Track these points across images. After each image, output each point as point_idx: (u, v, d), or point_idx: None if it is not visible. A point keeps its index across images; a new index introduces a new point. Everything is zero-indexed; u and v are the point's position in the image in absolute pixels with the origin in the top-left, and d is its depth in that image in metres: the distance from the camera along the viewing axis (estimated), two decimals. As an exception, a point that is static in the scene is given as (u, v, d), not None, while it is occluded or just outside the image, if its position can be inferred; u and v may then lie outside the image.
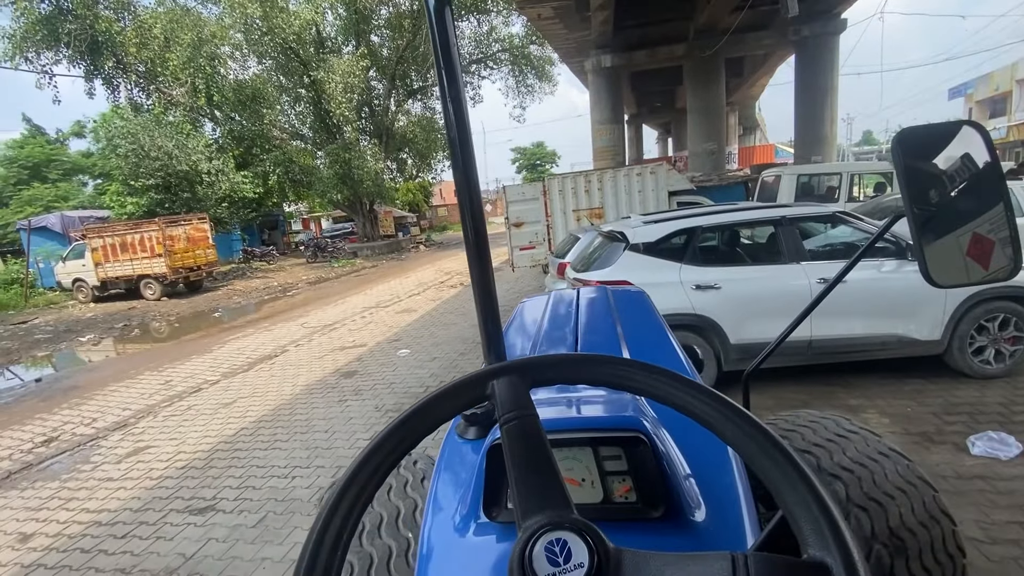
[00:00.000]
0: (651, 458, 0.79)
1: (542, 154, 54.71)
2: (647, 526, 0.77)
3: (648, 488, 0.79)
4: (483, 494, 0.84)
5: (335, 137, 20.04)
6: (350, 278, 15.97)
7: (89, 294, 14.71)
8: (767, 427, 0.45)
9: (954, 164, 0.97)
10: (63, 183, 23.40)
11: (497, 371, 0.54)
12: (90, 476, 4.10)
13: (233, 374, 6.59)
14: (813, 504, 0.39)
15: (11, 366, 8.71)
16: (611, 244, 4.36)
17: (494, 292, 1.03)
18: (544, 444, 0.49)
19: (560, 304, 2.13)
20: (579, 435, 0.82)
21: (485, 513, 0.83)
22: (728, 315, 3.89)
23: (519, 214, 9.29)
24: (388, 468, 0.49)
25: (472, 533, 0.83)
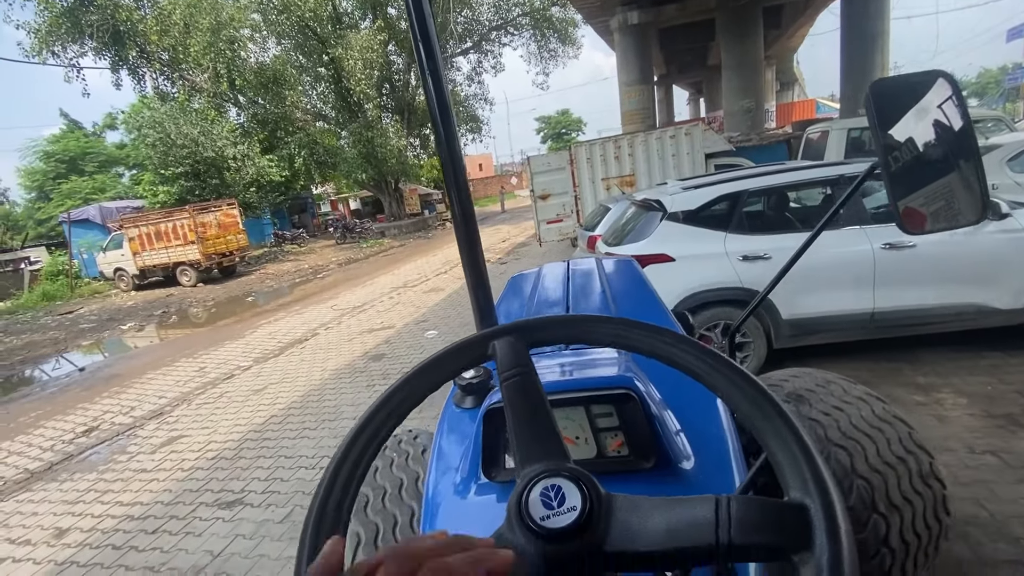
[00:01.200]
0: (640, 413, 0.82)
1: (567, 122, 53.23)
2: (639, 476, 0.81)
3: (639, 442, 0.82)
4: (482, 456, 0.87)
5: (357, 116, 19.83)
6: (378, 258, 15.97)
7: (130, 282, 15.20)
8: (752, 375, 0.46)
9: (927, 116, 0.99)
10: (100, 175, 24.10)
11: (498, 332, 0.57)
12: (126, 467, 4.13)
13: (264, 359, 6.60)
14: (795, 448, 0.40)
15: (58, 356, 9.04)
16: (646, 214, 4.01)
17: (483, 264, 1.06)
18: (542, 398, 0.51)
19: (552, 277, 2.16)
20: (572, 395, 0.84)
21: (484, 474, 0.87)
22: (780, 288, 3.50)
23: (545, 185, 8.90)
24: (396, 420, 0.52)
25: (473, 493, 0.87)
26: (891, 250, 3.38)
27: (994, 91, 43.43)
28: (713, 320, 3.64)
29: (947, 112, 0.98)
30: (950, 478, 2.53)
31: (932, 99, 0.99)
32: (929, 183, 1.02)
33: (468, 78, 23.15)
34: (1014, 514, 2.16)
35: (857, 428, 1.45)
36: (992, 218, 3.33)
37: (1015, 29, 26.14)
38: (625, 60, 16.13)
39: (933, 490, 1.40)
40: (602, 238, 4.62)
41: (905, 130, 1.00)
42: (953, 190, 1.01)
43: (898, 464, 1.39)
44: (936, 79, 0.99)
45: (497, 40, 22.59)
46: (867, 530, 1.29)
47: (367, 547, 1.25)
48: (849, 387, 1.65)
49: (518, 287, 2.20)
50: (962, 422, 2.89)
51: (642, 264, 3.66)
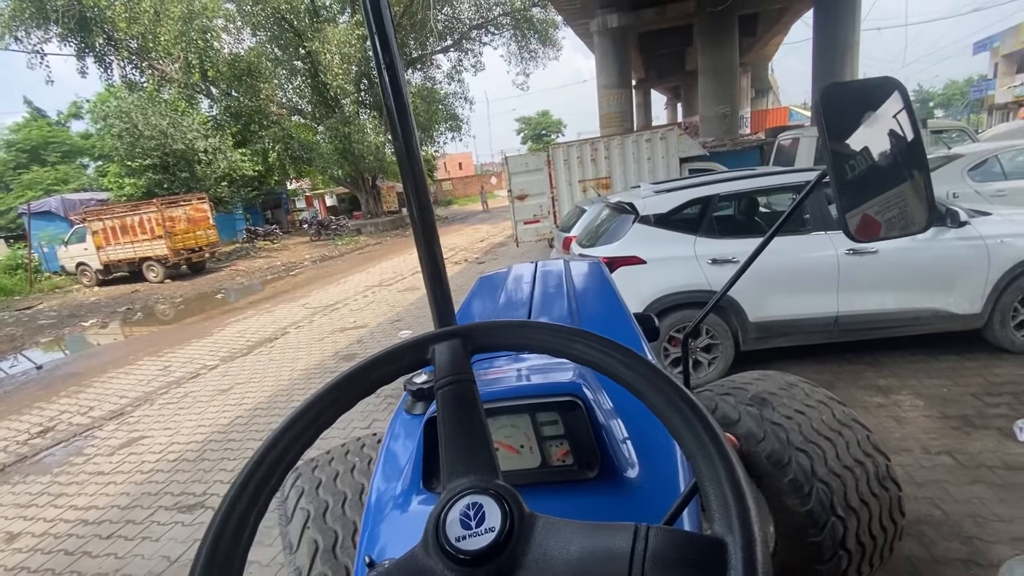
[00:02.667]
0: (585, 421, 0.80)
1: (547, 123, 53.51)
2: (582, 486, 0.79)
3: (583, 450, 0.80)
4: (423, 466, 0.84)
5: (334, 111, 19.52)
6: (354, 256, 15.75)
7: (93, 278, 14.65)
8: (692, 396, 0.45)
9: (877, 123, 0.99)
10: (63, 165, 23.18)
11: (439, 336, 0.54)
12: (81, 470, 3.97)
13: (232, 358, 6.44)
14: (724, 480, 0.39)
15: (14, 353, 8.65)
16: (619, 216, 4.04)
17: (442, 264, 1.02)
18: (477, 409, 0.49)
19: (519, 278, 2.15)
20: (516, 403, 0.82)
21: (425, 485, 0.84)
22: (748, 291, 3.58)
23: (523, 186, 8.91)
24: (317, 430, 0.48)
25: (414, 505, 0.84)
26: (855, 256, 3.48)
27: (959, 102, 45.23)
28: (683, 322, 3.69)
29: (900, 121, 0.97)
30: (906, 478, 2.62)
31: (886, 108, 0.98)
32: (881, 192, 1.00)
33: (448, 76, 23.05)
34: (967, 513, 2.24)
35: (818, 432, 1.46)
36: (951, 226, 3.45)
37: (981, 42, 27.28)
38: (604, 63, 16.26)
39: (889, 492, 1.43)
40: (576, 239, 4.64)
41: (856, 137, 0.99)
42: (906, 199, 1.01)
43: (856, 467, 1.41)
44: (890, 87, 0.98)
45: (478, 39, 22.53)
46: (824, 533, 1.29)
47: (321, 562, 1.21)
48: (811, 390, 1.68)
49: (486, 288, 2.17)
50: (919, 423, 2.99)
51: (614, 266, 3.70)
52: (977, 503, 2.29)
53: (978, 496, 2.34)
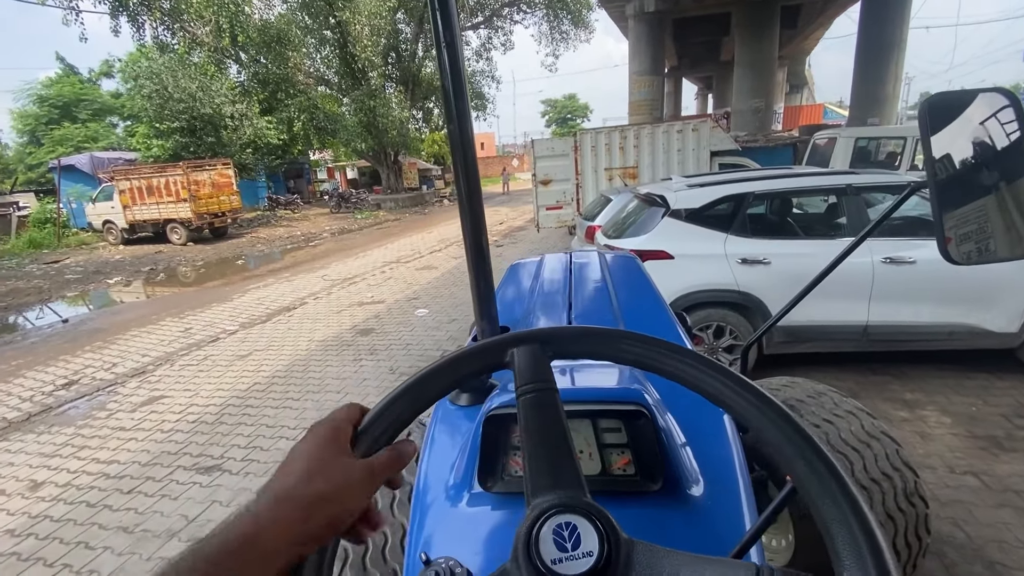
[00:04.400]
0: (651, 432, 0.78)
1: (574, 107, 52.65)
2: (644, 499, 0.77)
3: (647, 461, 0.78)
4: (478, 464, 0.82)
5: (360, 83, 19.39)
6: (372, 230, 15.80)
7: (119, 236, 14.93)
8: (815, 439, 0.42)
9: (983, 133, 0.94)
10: (93, 123, 23.48)
11: (518, 338, 0.52)
12: (104, 424, 4.08)
13: (251, 325, 6.53)
14: (855, 524, 0.37)
15: (42, 305, 8.89)
16: (648, 208, 3.96)
17: (487, 252, 1.01)
18: (561, 420, 0.47)
19: (553, 267, 2.10)
20: (579, 407, 0.80)
21: (480, 483, 0.82)
22: (776, 294, 3.50)
23: (547, 171, 8.79)
24: (396, 431, 0.48)
25: (466, 504, 0.82)
26: (890, 264, 3.37)
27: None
28: (706, 321, 3.63)
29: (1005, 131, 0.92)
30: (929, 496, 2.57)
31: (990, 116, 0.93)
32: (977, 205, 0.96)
33: (476, 54, 22.67)
34: (992, 538, 2.19)
35: (847, 442, 1.44)
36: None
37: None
38: (637, 48, 15.86)
39: (916, 509, 1.40)
40: (601, 229, 4.57)
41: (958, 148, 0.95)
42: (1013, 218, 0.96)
43: (884, 480, 1.39)
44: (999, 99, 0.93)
45: (509, 17, 22.09)
46: None
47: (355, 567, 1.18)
48: (840, 400, 1.64)
49: (517, 276, 2.12)
50: (945, 441, 2.91)
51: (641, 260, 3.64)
52: (1003, 528, 2.24)
53: (1004, 521, 2.28)
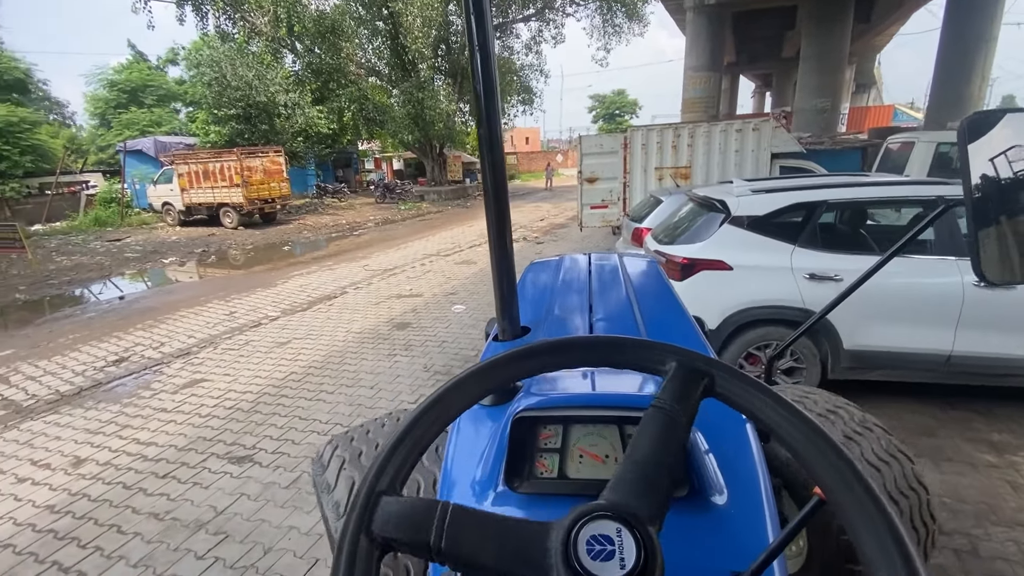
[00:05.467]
0: None
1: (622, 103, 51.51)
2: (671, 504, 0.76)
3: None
4: (505, 464, 0.83)
5: (410, 75, 19.54)
6: (415, 222, 15.91)
7: (176, 217, 15.62)
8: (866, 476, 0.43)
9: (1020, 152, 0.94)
10: (158, 108, 24.72)
11: (690, 357, 0.52)
12: (147, 404, 4.17)
13: (292, 312, 6.62)
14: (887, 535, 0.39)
15: (102, 281, 9.35)
16: (706, 214, 3.68)
17: (511, 251, 1.03)
18: (675, 454, 0.47)
19: (571, 269, 2.11)
20: (605, 412, 0.81)
21: (506, 483, 0.83)
22: (847, 314, 3.16)
23: (594, 168, 8.50)
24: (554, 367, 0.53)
25: (491, 502, 0.83)
26: (985, 288, 2.98)
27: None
28: (764, 340, 3.34)
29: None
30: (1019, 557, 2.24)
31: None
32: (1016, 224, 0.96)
33: (527, 47, 22.44)
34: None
35: (867, 461, 1.43)
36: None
37: None
38: (695, 43, 15.20)
39: (928, 528, 1.40)
40: (651, 233, 4.31)
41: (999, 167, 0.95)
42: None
43: (900, 499, 1.38)
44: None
45: (561, 9, 21.71)
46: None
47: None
48: (857, 415, 1.63)
49: (536, 275, 2.13)
50: (1043, 495, 2.55)
51: (694, 269, 3.37)
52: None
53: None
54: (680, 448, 0.48)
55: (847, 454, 0.45)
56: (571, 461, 0.86)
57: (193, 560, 2.44)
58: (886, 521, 0.39)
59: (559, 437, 0.88)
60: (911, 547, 0.38)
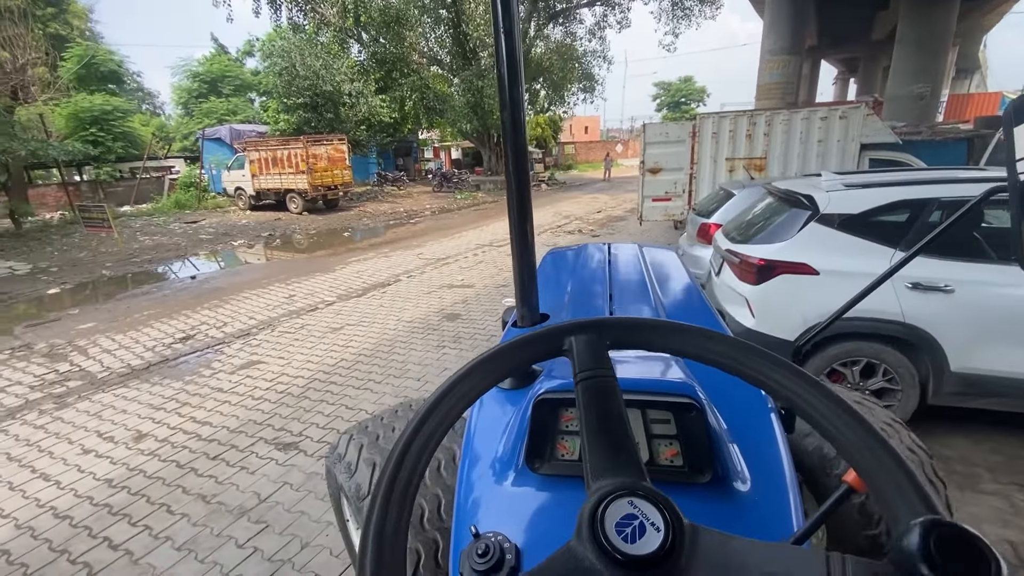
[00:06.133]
0: (701, 425, 0.80)
1: (689, 90, 49.24)
2: (693, 491, 0.78)
3: (696, 454, 0.80)
4: (526, 445, 0.86)
5: (471, 63, 19.49)
6: (470, 211, 15.91)
7: (247, 202, 16.44)
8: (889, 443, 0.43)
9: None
10: (234, 98, 26.14)
11: (576, 327, 0.54)
12: (206, 383, 4.30)
13: (347, 297, 6.71)
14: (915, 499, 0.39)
15: (179, 261, 9.94)
16: (788, 210, 3.28)
17: (532, 238, 1.08)
18: (619, 406, 0.49)
19: (592, 257, 2.09)
20: (630, 396, 0.79)
21: (527, 464, 0.85)
22: (956, 331, 2.72)
23: (657, 158, 8.03)
24: (457, 414, 0.49)
25: (512, 483, 0.85)
26: None
27: None
28: (852, 356, 2.94)
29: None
30: None
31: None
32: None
33: (590, 32, 21.76)
34: None
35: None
36: None
37: None
38: (775, 24, 14.08)
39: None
40: (722, 230, 3.94)
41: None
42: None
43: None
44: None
45: (629, -8, 20.86)
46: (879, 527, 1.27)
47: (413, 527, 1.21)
48: (876, 410, 1.58)
49: (555, 263, 2.09)
50: None
51: (773, 272, 3.00)
52: None
53: None
54: (620, 403, 0.48)
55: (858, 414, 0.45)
56: None
57: (233, 548, 2.42)
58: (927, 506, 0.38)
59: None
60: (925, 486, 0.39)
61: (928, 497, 0.38)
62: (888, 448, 0.41)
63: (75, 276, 8.80)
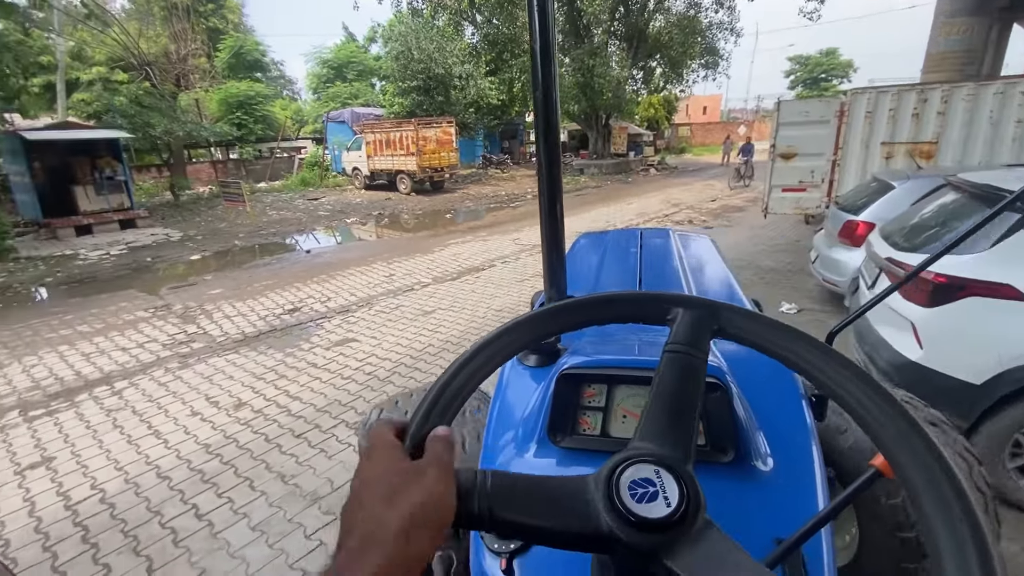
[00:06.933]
0: (726, 405, 0.81)
1: (831, 65, 43.33)
2: (714, 469, 0.79)
3: (720, 434, 0.81)
4: (549, 419, 0.89)
5: (583, 41, 18.74)
6: (571, 197, 15.44)
7: (362, 182, 17.46)
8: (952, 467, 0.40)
9: None
10: (357, 82, 27.83)
11: (688, 302, 0.53)
12: (303, 357, 4.46)
13: (442, 280, 6.71)
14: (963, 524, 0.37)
15: (299, 235, 10.76)
16: (982, 211, 2.50)
17: (562, 220, 1.08)
18: (698, 392, 0.48)
19: (622, 241, 2.06)
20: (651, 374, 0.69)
21: (550, 438, 0.88)
22: None
23: (792, 141, 6.94)
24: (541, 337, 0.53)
25: (533, 455, 0.88)
26: None
27: None
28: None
29: None
30: None
31: None
32: None
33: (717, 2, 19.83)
34: None
35: None
36: None
37: None
38: (954, -21, 11.62)
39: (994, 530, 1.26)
40: (879, 231, 3.18)
41: None
42: None
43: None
44: None
45: (766, -45, 18.61)
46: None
47: None
48: (924, 410, 1.49)
49: (586, 247, 2.06)
50: None
51: (959, 293, 2.29)
52: None
53: None
54: (699, 388, 0.48)
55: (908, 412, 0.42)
56: (614, 420, 0.90)
57: (301, 538, 2.38)
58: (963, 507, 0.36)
59: (603, 396, 0.91)
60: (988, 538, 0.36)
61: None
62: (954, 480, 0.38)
63: (214, 244, 9.87)
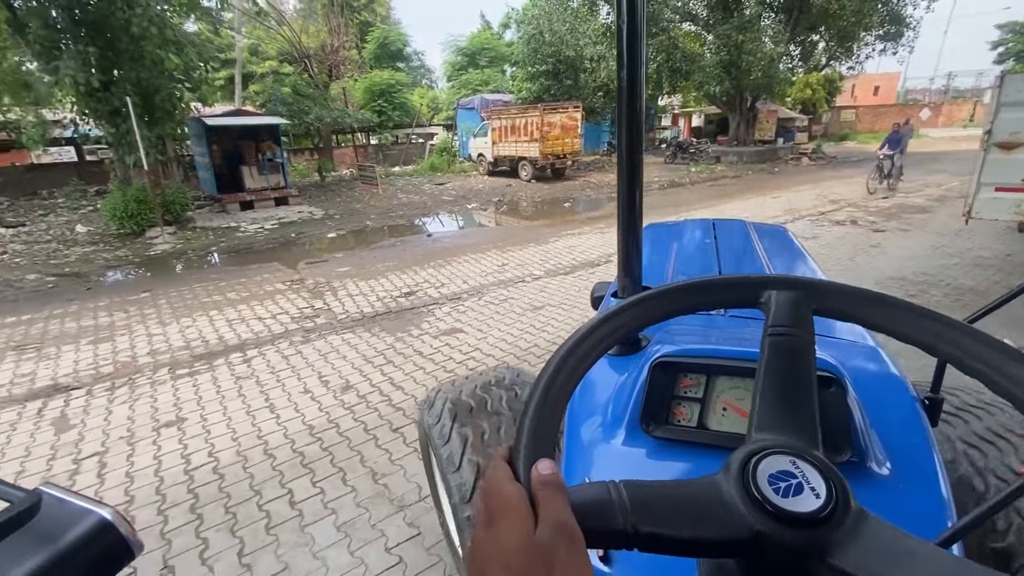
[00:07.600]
0: (842, 402, 0.78)
1: (1060, 32, 34.47)
2: None
3: (834, 432, 0.78)
4: (641, 407, 0.88)
5: (732, 15, 16.88)
6: (703, 187, 14.11)
7: (486, 168, 17.73)
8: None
9: None
10: (488, 69, 28.34)
11: (779, 282, 0.51)
12: (411, 344, 4.45)
13: (554, 273, 6.41)
14: None
15: (425, 218, 11.16)
16: None
17: (640, 208, 1.07)
18: (811, 372, 0.45)
19: (695, 232, 2.02)
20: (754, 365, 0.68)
21: (642, 426, 0.87)
22: None
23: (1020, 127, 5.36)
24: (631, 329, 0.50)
25: (623, 442, 0.87)
26: None
27: None
28: None
29: None
30: None
31: None
32: None
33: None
34: None
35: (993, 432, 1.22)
36: None
37: None
38: None
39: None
40: None
41: None
42: None
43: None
44: None
45: None
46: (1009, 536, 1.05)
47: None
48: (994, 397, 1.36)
49: (656, 238, 2.00)
50: None
51: None
52: None
53: None
54: (812, 371, 0.45)
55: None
56: (712, 413, 0.87)
57: (382, 550, 2.24)
58: None
59: (701, 387, 0.89)
60: None
61: None
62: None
63: (349, 224, 10.61)
